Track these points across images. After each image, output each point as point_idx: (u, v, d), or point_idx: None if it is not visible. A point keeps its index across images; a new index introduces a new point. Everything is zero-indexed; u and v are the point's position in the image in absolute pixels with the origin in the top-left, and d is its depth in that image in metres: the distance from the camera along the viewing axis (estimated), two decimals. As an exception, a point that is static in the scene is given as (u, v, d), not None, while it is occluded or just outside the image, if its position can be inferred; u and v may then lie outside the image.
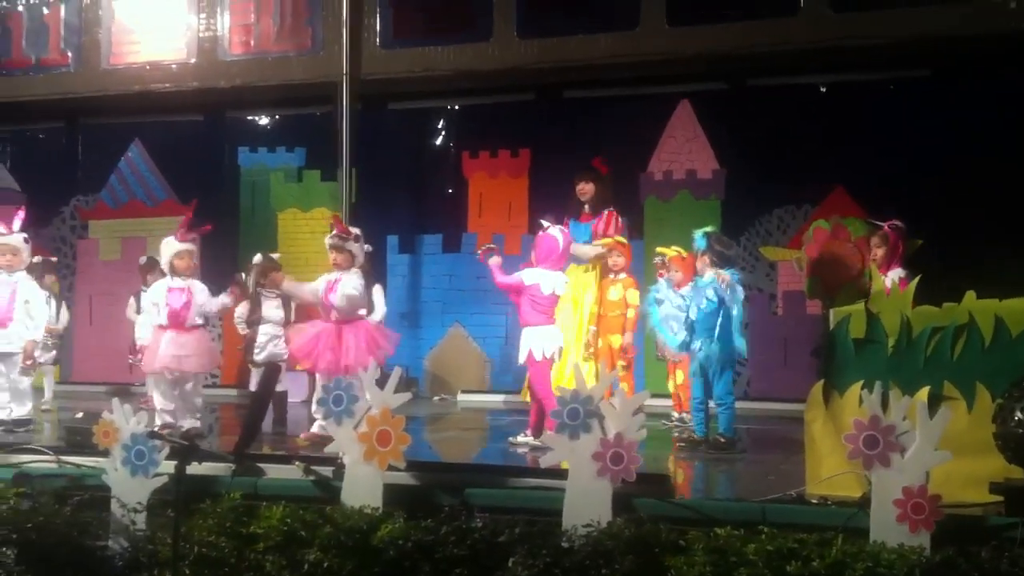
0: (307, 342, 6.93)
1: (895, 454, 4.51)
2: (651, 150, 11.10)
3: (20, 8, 11.96)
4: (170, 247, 7.46)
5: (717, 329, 6.96)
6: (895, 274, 7.00)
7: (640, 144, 11.07)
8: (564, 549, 4.63)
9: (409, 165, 11.86)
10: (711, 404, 7.25)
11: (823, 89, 10.77)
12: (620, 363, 8.12)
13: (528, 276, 6.94)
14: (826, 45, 9.65)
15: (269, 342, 8.45)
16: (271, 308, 8.48)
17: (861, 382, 5.01)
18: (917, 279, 5.37)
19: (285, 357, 8.38)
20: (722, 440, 7.00)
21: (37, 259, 10.08)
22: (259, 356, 8.43)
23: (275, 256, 8.86)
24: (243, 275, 8.44)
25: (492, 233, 11.19)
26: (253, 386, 8.49)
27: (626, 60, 10.19)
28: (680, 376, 8.44)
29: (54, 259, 10.59)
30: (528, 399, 7.26)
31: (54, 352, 10.05)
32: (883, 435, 4.52)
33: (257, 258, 8.74)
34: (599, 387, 5.14)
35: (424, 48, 10.71)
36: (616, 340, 8.09)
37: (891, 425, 4.53)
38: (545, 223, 7.16)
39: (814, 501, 4.95)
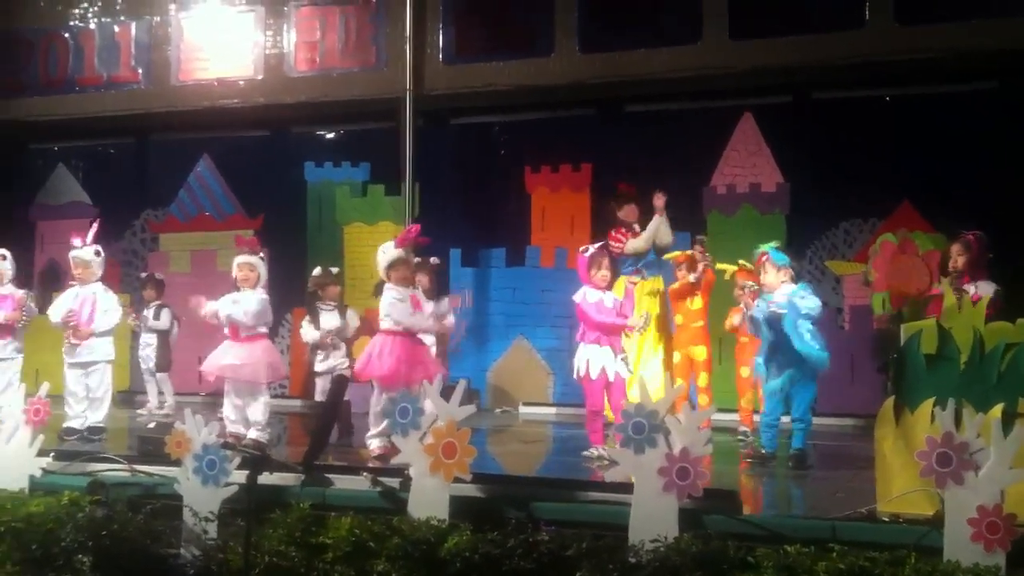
0: (392, 362, 6.96)
1: (969, 472, 4.44)
2: (714, 164, 11.03)
3: (92, 27, 12.26)
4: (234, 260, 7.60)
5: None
6: (988, 287, 6.71)
7: (703, 158, 11.00)
8: (631, 564, 4.63)
9: (471, 179, 11.91)
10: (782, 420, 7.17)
11: (888, 101, 10.63)
12: (704, 374, 8.09)
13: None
14: (892, 58, 9.56)
15: (331, 354, 8.55)
16: (329, 320, 8.57)
17: (933, 399, 4.94)
18: (991, 294, 5.30)
19: (345, 367, 8.48)
20: (801, 454, 6.94)
21: (160, 276, 10.44)
22: (321, 368, 8.53)
23: (333, 270, 8.95)
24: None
25: (555, 247, 11.25)
26: (318, 396, 8.58)
27: (688, 74, 10.18)
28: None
29: (159, 276, 10.84)
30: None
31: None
32: (956, 453, 4.46)
33: (316, 271, 8.86)
34: (664, 401, 5.13)
35: (486, 64, 10.80)
36: (700, 352, 8.06)
37: (964, 442, 4.47)
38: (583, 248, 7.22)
39: (885, 519, 4.89)
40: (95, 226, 8.54)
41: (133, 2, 12.13)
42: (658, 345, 8.36)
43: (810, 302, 6.82)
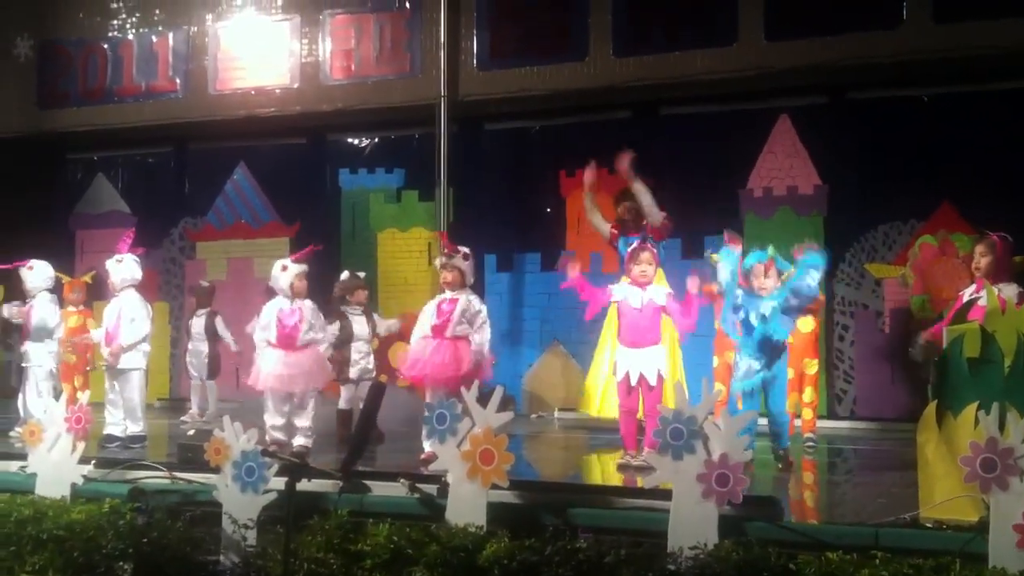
0: (415, 353, 7.05)
1: (1014, 478, 4.35)
2: (750, 166, 10.94)
3: (130, 37, 12.41)
4: (292, 269, 7.61)
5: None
6: (1010, 289, 6.61)
7: (739, 160, 10.92)
8: (670, 572, 4.59)
9: (506, 184, 11.91)
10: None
11: (927, 101, 10.51)
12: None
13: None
14: (930, 57, 9.47)
15: (361, 359, 8.57)
16: (359, 325, 8.60)
17: (976, 403, 4.86)
18: (1014, 296, 5.21)
19: (374, 373, 8.53)
20: (787, 452, 6.96)
21: (207, 283, 10.58)
22: (352, 373, 8.55)
23: (360, 274, 8.97)
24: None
25: (590, 252, 11.20)
26: (343, 403, 8.59)
27: (723, 76, 10.15)
28: (809, 393, 8.27)
29: (207, 284, 10.96)
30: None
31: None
32: (1001, 458, 4.37)
33: (344, 275, 8.89)
34: (703, 406, 5.09)
35: (520, 69, 10.84)
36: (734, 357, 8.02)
37: (1009, 447, 4.38)
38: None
39: (929, 525, 4.81)
40: (127, 237, 8.63)
41: (171, 13, 12.28)
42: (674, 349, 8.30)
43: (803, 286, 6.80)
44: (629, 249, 7.12)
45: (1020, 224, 7.29)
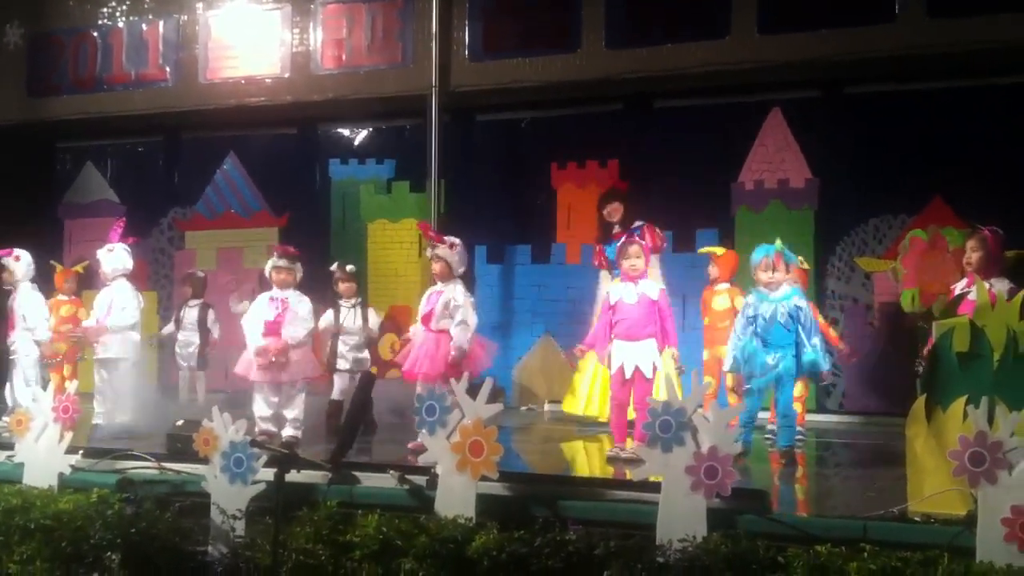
0: (407, 349, 7.08)
1: (1002, 471, 4.38)
2: (742, 159, 10.93)
3: (120, 25, 12.34)
4: (269, 261, 7.66)
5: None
6: (1002, 284, 6.63)
7: (731, 153, 10.91)
8: (659, 564, 4.60)
9: (497, 176, 11.88)
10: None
11: (919, 96, 10.51)
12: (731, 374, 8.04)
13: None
14: (923, 52, 9.46)
15: (349, 351, 8.56)
16: (347, 317, 8.58)
17: (965, 397, 4.87)
18: (1005, 292, 5.22)
19: (367, 364, 8.50)
20: (791, 451, 6.98)
21: (201, 273, 10.50)
22: (341, 365, 8.54)
23: (348, 268, 8.91)
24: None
25: (580, 244, 11.19)
26: (335, 394, 8.57)
27: (716, 68, 10.12)
28: (799, 387, 8.26)
29: (201, 274, 10.89)
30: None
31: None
32: (990, 452, 4.40)
33: (333, 267, 8.86)
34: (692, 399, 5.09)
35: (512, 60, 10.77)
36: (724, 352, 8.01)
37: (998, 441, 4.40)
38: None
39: (917, 519, 4.83)
40: (118, 226, 8.62)
41: (161, 1, 12.20)
42: None
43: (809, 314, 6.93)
44: (618, 245, 7.13)
45: (1011, 219, 7.33)
